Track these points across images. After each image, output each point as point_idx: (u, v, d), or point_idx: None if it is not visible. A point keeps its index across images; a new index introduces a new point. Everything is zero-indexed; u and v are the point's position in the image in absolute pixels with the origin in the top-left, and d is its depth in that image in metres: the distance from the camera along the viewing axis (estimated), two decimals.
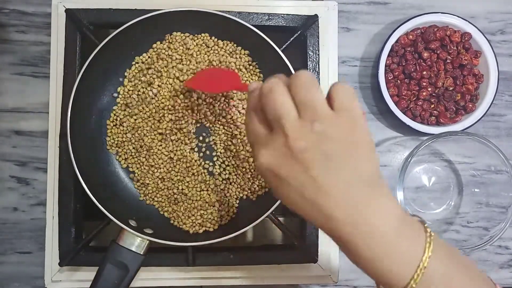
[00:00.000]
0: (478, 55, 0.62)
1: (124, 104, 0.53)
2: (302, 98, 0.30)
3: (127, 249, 0.47)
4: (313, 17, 0.54)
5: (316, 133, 0.29)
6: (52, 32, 0.54)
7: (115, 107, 0.53)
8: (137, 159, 0.53)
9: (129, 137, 0.52)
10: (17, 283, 0.58)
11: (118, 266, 0.46)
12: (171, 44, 0.53)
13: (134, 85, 0.53)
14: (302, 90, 0.30)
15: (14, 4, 0.60)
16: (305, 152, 0.29)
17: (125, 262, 0.46)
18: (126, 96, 0.53)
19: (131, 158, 0.53)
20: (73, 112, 0.49)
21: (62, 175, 0.52)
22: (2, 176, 0.59)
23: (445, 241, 0.32)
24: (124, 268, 0.46)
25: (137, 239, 0.47)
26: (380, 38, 0.63)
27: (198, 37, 0.54)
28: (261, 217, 0.48)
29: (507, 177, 0.57)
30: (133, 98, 0.52)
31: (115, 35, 0.49)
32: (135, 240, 0.47)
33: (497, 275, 0.63)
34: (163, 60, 0.53)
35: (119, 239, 0.47)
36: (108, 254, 0.46)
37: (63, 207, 0.52)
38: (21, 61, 0.60)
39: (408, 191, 0.63)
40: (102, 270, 0.45)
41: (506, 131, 0.65)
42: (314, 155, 0.29)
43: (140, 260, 0.47)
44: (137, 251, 0.47)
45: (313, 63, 0.54)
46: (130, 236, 0.47)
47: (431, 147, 0.63)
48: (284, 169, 0.29)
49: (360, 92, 0.64)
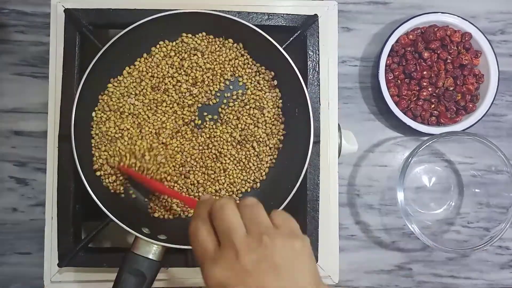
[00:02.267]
0: (479, 55, 0.62)
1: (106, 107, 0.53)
2: (249, 215, 0.33)
3: (143, 257, 0.46)
4: (313, 17, 0.54)
5: (264, 246, 0.31)
6: (51, 32, 0.54)
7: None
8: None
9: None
10: (17, 284, 0.58)
11: (135, 275, 0.45)
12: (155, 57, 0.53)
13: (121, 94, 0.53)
14: (249, 209, 0.33)
15: (14, 4, 0.60)
16: (257, 265, 0.31)
17: (142, 270, 0.45)
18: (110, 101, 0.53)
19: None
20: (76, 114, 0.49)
21: (61, 176, 0.51)
22: (1, 177, 0.59)
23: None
24: (142, 276, 0.45)
25: (153, 247, 0.47)
26: (380, 38, 0.63)
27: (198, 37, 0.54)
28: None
29: (508, 177, 0.57)
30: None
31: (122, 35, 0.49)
32: (150, 248, 0.47)
33: (498, 276, 0.63)
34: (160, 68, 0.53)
35: (134, 248, 0.47)
36: (125, 264, 0.46)
37: (62, 208, 0.51)
38: (21, 61, 0.60)
39: (408, 192, 0.63)
40: (120, 279, 0.45)
41: (507, 131, 0.65)
42: (265, 267, 0.31)
43: (157, 267, 0.47)
44: (153, 258, 0.46)
45: (313, 63, 0.54)
46: (145, 244, 0.47)
47: (432, 147, 0.63)
48: (236, 282, 0.31)
49: (360, 92, 0.64)
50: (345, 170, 0.63)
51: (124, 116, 0.52)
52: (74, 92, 0.51)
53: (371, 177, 0.64)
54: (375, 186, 0.64)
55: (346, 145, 0.55)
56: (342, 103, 0.63)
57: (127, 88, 0.52)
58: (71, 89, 0.52)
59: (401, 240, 0.63)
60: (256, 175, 0.54)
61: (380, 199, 0.64)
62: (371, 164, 0.64)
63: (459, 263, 0.63)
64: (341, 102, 0.61)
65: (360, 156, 0.64)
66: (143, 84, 0.52)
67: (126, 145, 0.51)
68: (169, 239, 0.48)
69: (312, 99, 0.52)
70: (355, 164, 0.64)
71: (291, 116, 0.53)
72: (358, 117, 0.64)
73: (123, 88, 0.52)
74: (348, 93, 0.64)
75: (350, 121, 0.63)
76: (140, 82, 0.52)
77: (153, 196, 0.53)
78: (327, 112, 0.54)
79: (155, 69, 0.53)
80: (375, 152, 0.64)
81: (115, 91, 0.52)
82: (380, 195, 0.64)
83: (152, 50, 0.53)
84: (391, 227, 0.63)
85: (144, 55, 0.53)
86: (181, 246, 0.48)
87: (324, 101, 0.55)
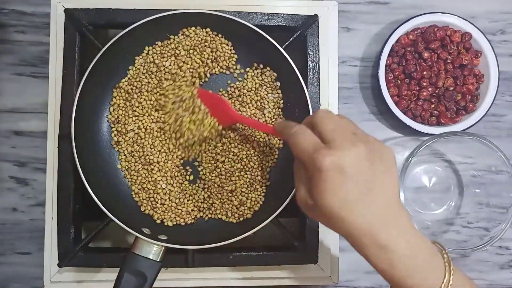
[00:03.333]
0: (479, 55, 0.62)
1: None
2: (348, 122, 0.37)
3: (144, 257, 0.46)
4: (313, 17, 0.54)
5: (372, 143, 0.35)
6: (51, 32, 0.54)
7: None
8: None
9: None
10: (17, 284, 0.58)
11: (136, 275, 0.45)
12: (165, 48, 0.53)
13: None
14: (346, 119, 0.37)
15: (13, 4, 0.60)
16: (369, 154, 0.34)
17: (142, 271, 0.45)
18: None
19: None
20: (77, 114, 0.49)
21: (61, 176, 0.52)
22: (1, 177, 0.59)
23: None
24: (142, 277, 0.45)
25: (153, 247, 0.47)
26: (380, 38, 0.63)
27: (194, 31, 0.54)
28: (263, 223, 0.48)
29: (508, 177, 0.57)
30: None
31: (122, 35, 0.49)
32: (151, 248, 0.47)
33: (498, 276, 0.63)
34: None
35: (135, 248, 0.47)
36: (125, 264, 0.46)
37: (62, 208, 0.51)
38: (20, 61, 0.60)
39: (408, 192, 0.63)
40: (120, 280, 0.45)
41: (507, 131, 0.65)
42: (374, 157, 0.34)
43: (158, 267, 0.46)
44: (154, 258, 0.46)
45: (313, 63, 0.54)
46: (146, 244, 0.47)
47: (432, 147, 0.63)
48: (353, 165, 0.33)
49: (360, 92, 0.64)
50: None
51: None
52: (74, 92, 0.51)
53: None
54: None
55: None
56: (342, 103, 0.63)
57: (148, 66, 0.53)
58: (71, 89, 0.52)
59: None
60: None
61: None
62: None
63: (459, 263, 0.63)
64: (341, 102, 0.61)
65: None
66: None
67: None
68: (169, 239, 0.48)
69: (312, 99, 0.52)
70: None
71: (291, 116, 0.53)
72: (358, 117, 0.64)
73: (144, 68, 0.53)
74: (348, 93, 0.64)
75: None
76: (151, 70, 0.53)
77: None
78: None
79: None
80: None
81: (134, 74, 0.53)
82: None
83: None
84: None
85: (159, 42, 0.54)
86: (181, 246, 0.48)
87: (324, 101, 0.55)
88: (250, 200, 0.53)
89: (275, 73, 0.54)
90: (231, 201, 0.52)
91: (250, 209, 0.53)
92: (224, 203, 0.53)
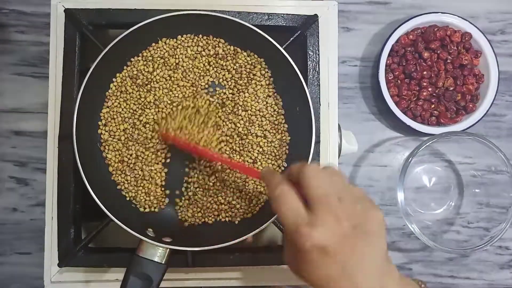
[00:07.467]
0: (479, 55, 0.62)
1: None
2: (341, 184, 0.35)
3: (149, 260, 0.46)
4: (313, 17, 0.54)
5: (358, 214, 0.33)
6: (51, 32, 0.54)
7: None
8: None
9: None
10: (17, 284, 0.58)
11: (142, 278, 0.45)
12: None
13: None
14: (339, 177, 0.35)
15: (14, 4, 0.60)
16: (353, 230, 0.33)
17: (148, 273, 0.45)
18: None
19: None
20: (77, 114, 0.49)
21: (61, 176, 0.51)
22: (1, 177, 0.59)
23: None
24: (148, 279, 0.45)
25: (158, 250, 0.47)
26: (380, 38, 0.63)
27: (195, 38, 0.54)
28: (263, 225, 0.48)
29: (508, 177, 0.57)
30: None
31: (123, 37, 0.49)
32: (156, 251, 0.46)
33: (498, 276, 0.63)
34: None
35: (140, 251, 0.46)
36: (131, 267, 0.45)
37: (62, 208, 0.51)
38: (21, 61, 0.60)
39: (408, 192, 0.63)
40: (126, 283, 0.45)
41: (507, 131, 0.65)
42: (359, 233, 0.33)
43: (163, 270, 0.46)
44: (159, 261, 0.46)
45: (313, 63, 0.54)
46: (150, 247, 0.46)
47: (432, 147, 0.63)
48: (335, 245, 0.32)
49: (360, 92, 0.64)
50: (345, 170, 0.63)
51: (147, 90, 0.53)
52: (74, 92, 0.51)
53: (371, 177, 0.64)
54: (375, 186, 0.64)
55: (346, 145, 0.55)
56: (342, 103, 0.63)
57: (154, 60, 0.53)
58: (71, 89, 0.52)
59: (401, 240, 0.63)
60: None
61: (380, 199, 0.64)
62: (371, 164, 0.64)
63: (459, 263, 0.63)
64: (341, 102, 0.61)
65: (360, 156, 0.64)
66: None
67: (158, 111, 0.52)
68: (174, 242, 0.48)
69: (312, 99, 0.52)
70: (355, 164, 0.64)
71: (291, 116, 0.53)
72: (358, 117, 0.64)
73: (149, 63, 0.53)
74: (348, 93, 0.64)
75: (350, 121, 0.63)
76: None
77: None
78: (327, 112, 0.54)
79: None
80: (375, 152, 0.64)
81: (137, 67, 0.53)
82: (380, 195, 0.64)
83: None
84: (391, 227, 0.63)
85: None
86: (187, 248, 0.48)
87: (324, 101, 0.55)
88: (252, 200, 0.53)
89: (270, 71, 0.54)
90: (232, 204, 0.53)
91: (251, 210, 0.53)
92: (225, 205, 0.53)
